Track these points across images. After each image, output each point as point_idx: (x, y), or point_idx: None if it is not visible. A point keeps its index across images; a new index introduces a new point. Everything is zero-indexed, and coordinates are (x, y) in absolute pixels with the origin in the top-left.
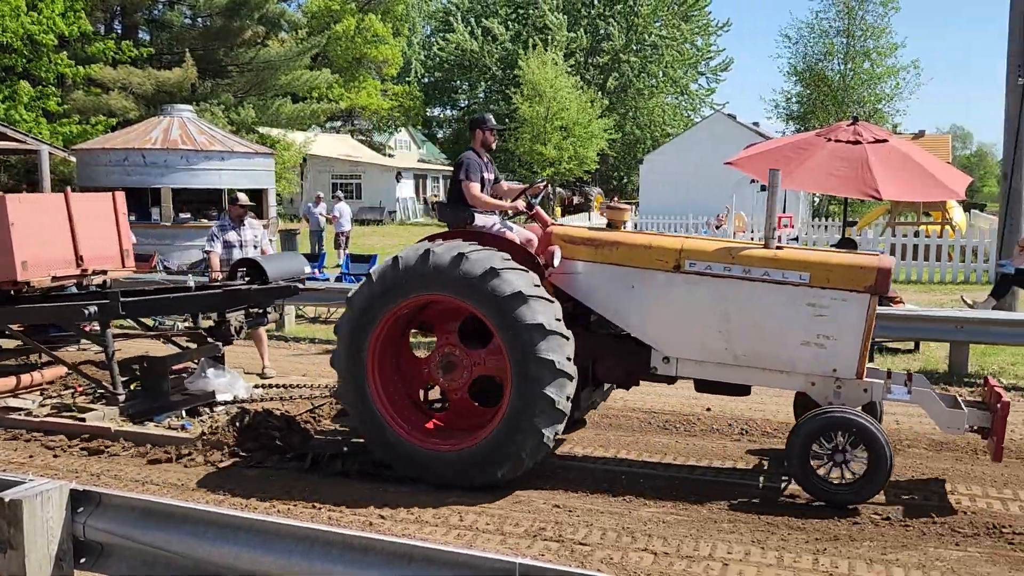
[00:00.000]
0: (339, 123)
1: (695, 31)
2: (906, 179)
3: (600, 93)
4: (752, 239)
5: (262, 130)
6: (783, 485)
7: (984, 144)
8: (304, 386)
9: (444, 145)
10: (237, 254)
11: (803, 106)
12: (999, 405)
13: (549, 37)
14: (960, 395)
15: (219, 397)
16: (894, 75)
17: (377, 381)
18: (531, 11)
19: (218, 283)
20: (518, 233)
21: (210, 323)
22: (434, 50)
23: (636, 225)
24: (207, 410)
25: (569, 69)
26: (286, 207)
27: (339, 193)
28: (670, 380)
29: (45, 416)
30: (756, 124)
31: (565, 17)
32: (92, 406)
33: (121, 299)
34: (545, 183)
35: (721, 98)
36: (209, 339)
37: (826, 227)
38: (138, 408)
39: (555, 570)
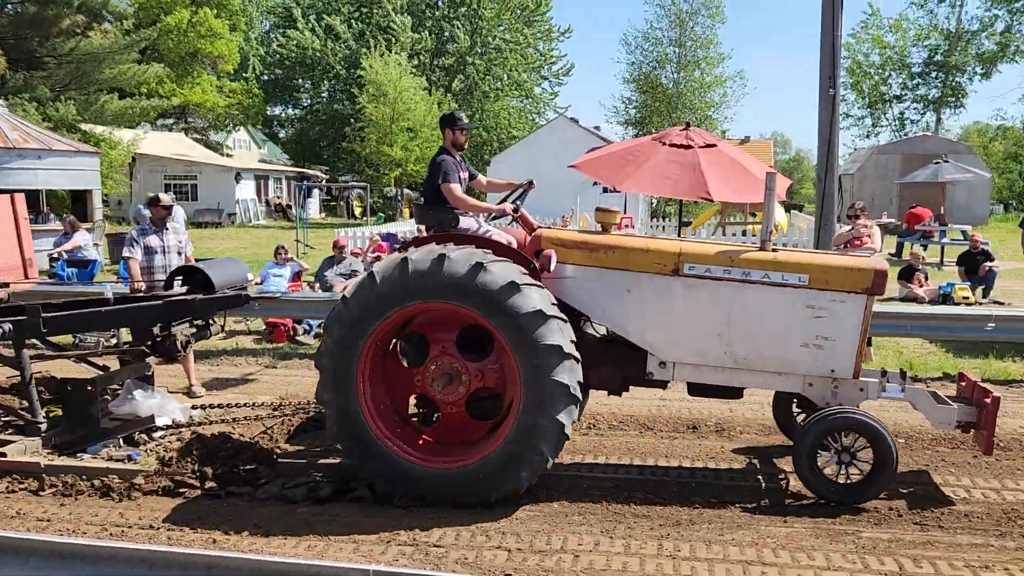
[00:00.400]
0: (172, 121)
1: (538, 36)
2: (734, 182)
3: (447, 95)
4: None
5: (85, 127)
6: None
7: (801, 149)
8: (245, 405)
9: (287, 145)
10: (159, 260)
11: (640, 111)
12: (988, 400)
13: (393, 37)
14: (939, 391)
15: (159, 422)
16: (722, 84)
17: (368, 396)
18: (375, 10)
19: (162, 293)
20: (500, 236)
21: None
22: (274, 47)
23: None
24: (145, 437)
25: (414, 70)
26: (114, 209)
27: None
28: (663, 385)
29: None
30: (598, 128)
31: (410, 18)
32: (10, 438)
33: (43, 314)
34: (530, 182)
35: (564, 102)
36: (153, 356)
37: (664, 227)
38: (66, 438)
39: (408, 574)
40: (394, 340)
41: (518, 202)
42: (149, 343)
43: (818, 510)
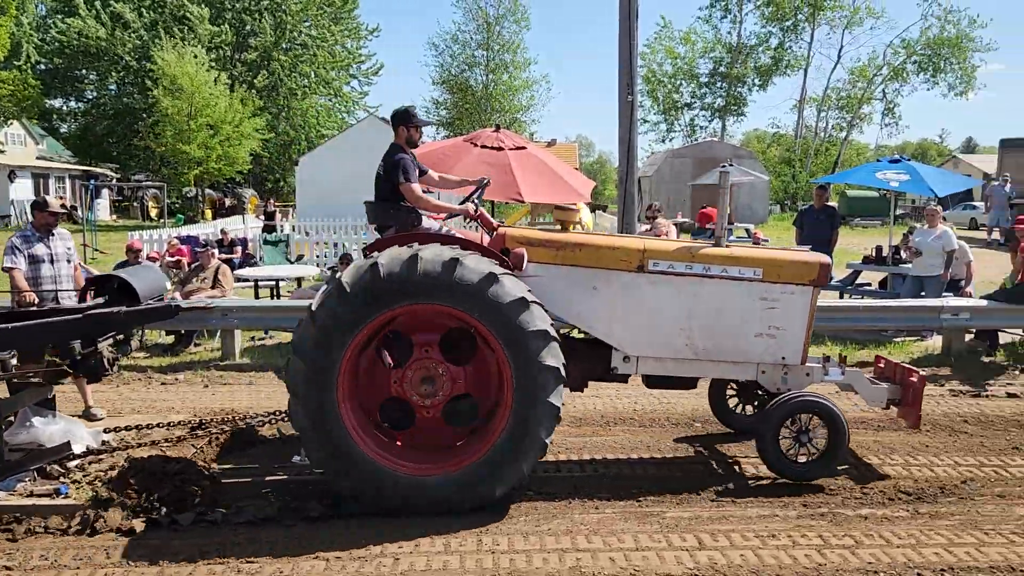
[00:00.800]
0: None
1: (345, 33)
2: (544, 183)
3: (252, 91)
4: None
5: None
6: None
7: (604, 152)
8: (159, 425)
9: (70, 141)
10: (47, 270)
11: (451, 113)
12: (914, 379)
13: (189, 29)
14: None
15: (76, 449)
16: (529, 87)
17: (348, 404)
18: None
19: (85, 306)
20: (465, 234)
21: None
22: (52, 33)
23: (294, 228)
24: (58, 468)
25: (213, 64)
26: None
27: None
28: (625, 379)
29: None
30: None
31: (208, 9)
32: None
33: None
34: (487, 181)
35: (375, 101)
36: (80, 376)
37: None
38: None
39: None
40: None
41: (476, 201)
42: (70, 362)
43: (631, 495)
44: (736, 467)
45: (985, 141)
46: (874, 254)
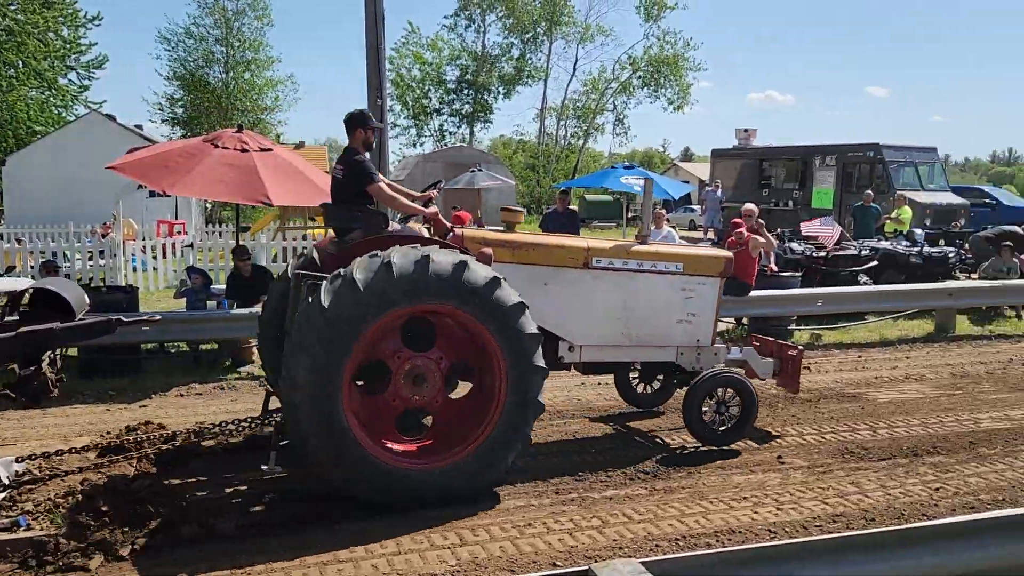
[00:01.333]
0: None
1: (60, 20)
2: (292, 186)
3: None
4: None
5: None
6: None
7: None
8: (70, 451)
9: None
10: None
11: (188, 111)
12: (792, 353)
13: None
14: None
15: None
16: (273, 87)
17: (352, 405)
18: None
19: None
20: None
21: None
22: None
23: (2, 236)
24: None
25: None
26: None
27: None
28: (569, 367)
29: None
30: (140, 127)
31: None
32: None
33: None
34: (441, 183)
35: (98, 96)
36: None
37: (220, 232)
38: None
39: None
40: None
41: (431, 203)
42: (10, 386)
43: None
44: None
45: (700, 150)
46: None
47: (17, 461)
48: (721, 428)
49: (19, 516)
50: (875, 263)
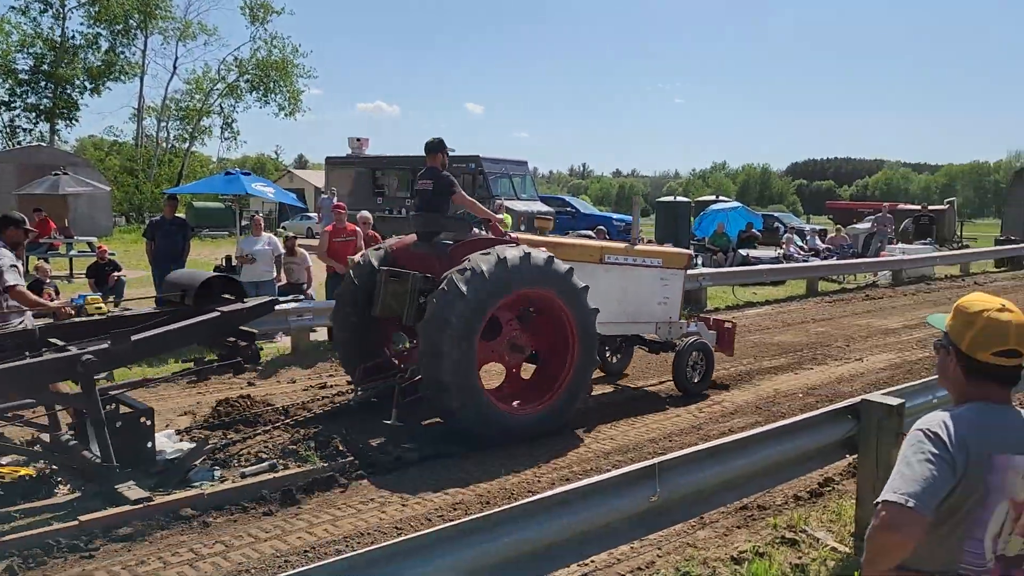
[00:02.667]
0: None
1: None
2: None
3: None
4: None
5: None
6: None
7: None
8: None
9: None
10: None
11: None
12: (728, 326)
13: None
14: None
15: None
16: None
17: (478, 366)
18: None
19: (223, 308)
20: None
21: None
22: None
23: None
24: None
25: None
26: None
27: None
28: None
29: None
30: None
31: None
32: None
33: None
34: (500, 196)
35: None
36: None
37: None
38: (168, 474)
39: None
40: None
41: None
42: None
43: None
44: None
45: (314, 158)
46: (224, 263)
47: (176, 432)
48: (695, 380)
49: (271, 462)
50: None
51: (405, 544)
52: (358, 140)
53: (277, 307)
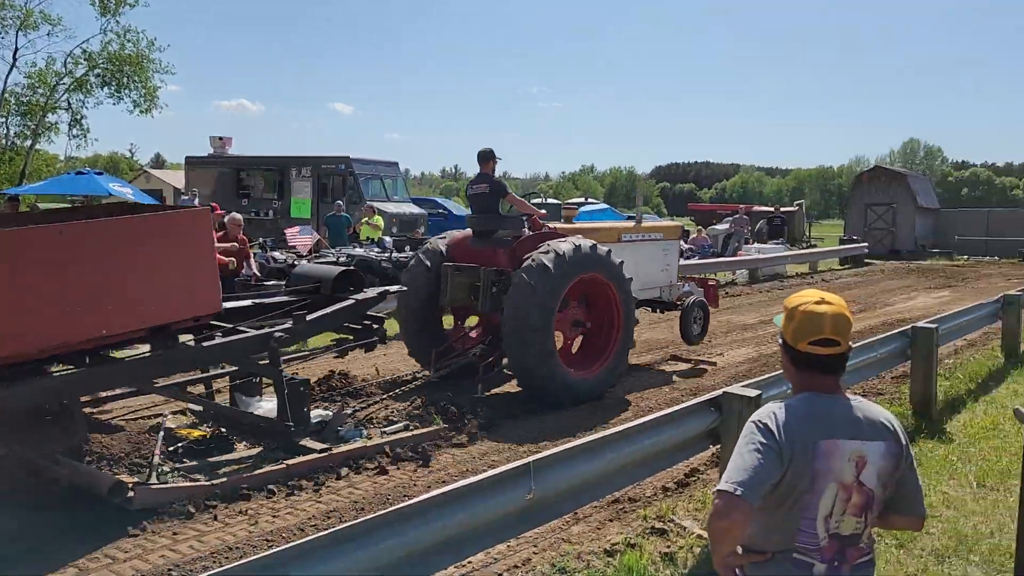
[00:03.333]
0: None
1: None
2: None
3: None
4: None
5: None
6: None
7: None
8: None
9: None
10: None
11: None
12: (711, 283)
13: None
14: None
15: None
16: None
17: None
18: None
19: (359, 296)
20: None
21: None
22: None
23: None
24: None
25: None
26: None
27: None
28: None
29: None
30: None
31: None
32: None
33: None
34: (540, 195)
35: None
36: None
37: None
38: (326, 432)
39: None
40: None
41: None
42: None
43: None
44: None
45: (173, 157)
46: None
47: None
48: (696, 332)
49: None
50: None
51: (281, 555)
52: (220, 139)
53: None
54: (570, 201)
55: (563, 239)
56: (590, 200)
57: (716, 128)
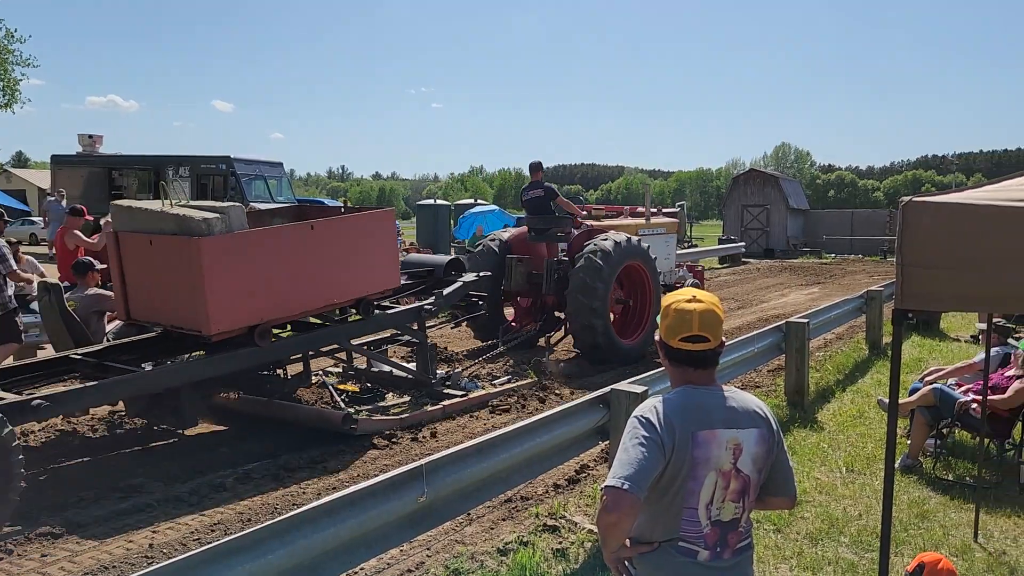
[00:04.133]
0: None
1: None
2: None
3: None
4: None
5: None
6: None
7: None
8: None
9: None
10: None
11: None
12: (698, 269)
13: None
14: None
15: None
16: None
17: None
18: None
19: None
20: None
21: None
22: None
23: None
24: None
25: None
26: None
27: None
28: None
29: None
30: None
31: None
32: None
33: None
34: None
35: None
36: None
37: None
38: (451, 384)
39: None
40: None
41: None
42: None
43: None
44: None
45: (38, 156)
46: None
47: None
48: None
49: (473, 381)
50: None
51: (164, 569)
52: (90, 137)
53: None
54: (459, 202)
55: (605, 235)
56: (479, 201)
57: (601, 131)
